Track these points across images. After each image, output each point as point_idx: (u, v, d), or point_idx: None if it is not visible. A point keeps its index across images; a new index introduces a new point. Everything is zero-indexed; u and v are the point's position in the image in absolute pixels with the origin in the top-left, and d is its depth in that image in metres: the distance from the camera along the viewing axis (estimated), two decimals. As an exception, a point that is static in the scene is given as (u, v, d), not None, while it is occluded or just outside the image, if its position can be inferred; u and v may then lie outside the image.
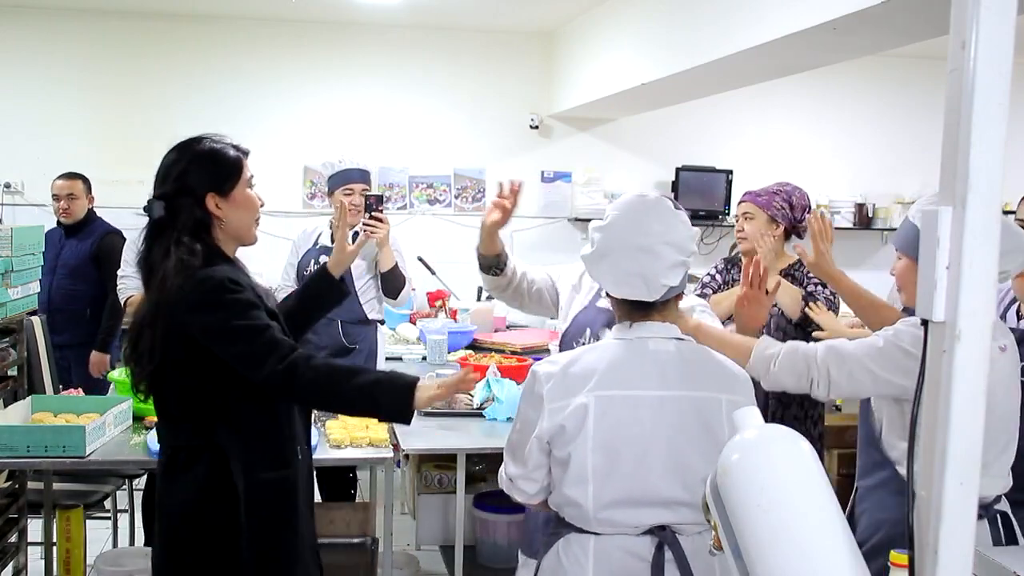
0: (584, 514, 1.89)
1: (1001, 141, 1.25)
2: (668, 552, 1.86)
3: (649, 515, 1.88)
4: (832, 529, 1.53)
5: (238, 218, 2.21)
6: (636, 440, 1.87)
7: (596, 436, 1.87)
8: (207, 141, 2.21)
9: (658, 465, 1.87)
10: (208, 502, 2.14)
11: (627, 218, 1.96)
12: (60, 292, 4.63)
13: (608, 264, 1.94)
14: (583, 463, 1.87)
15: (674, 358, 1.94)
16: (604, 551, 1.88)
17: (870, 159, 6.72)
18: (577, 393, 1.89)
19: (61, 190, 4.76)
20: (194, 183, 2.16)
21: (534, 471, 1.97)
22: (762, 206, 3.44)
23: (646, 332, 1.95)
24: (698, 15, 4.28)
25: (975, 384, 1.29)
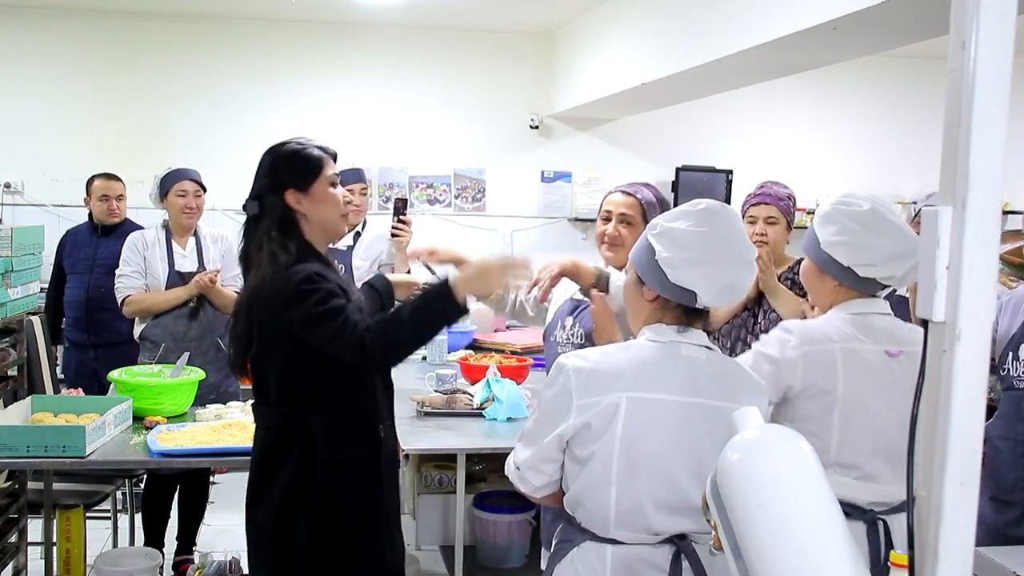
0: (603, 518, 1.85)
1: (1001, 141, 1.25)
2: (685, 562, 1.84)
3: (671, 522, 1.85)
4: (832, 529, 1.53)
5: (320, 213, 2.36)
6: (663, 445, 1.84)
7: (624, 438, 1.83)
8: (292, 143, 2.41)
9: (683, 471, 1.85)
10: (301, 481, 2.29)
11: (726, 226, 1.93)
12: (100, 291, 4.60)
13: (708, 272, 1.88)
14: (608, 464, 1.84)
15: (705, 366, 1.91)
16: (622, 561, 1.85)
17: (870, 159, 6.73)
18: (608, 391, 1.85)
19: (111, 191, 4.74)
20: (277, 180, 2.36)
21: (544, 464, 1.93)
22: (784, 212, 3.45)
23: (683, 338, 1.92)
24: (698, 15, 4.28)
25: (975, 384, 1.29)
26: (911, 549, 1.36)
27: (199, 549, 4.09)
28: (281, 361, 2.31)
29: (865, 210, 2.18)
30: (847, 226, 2.18)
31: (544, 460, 1.93)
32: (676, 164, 6.46)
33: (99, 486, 3.91)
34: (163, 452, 2.96)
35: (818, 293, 2.31)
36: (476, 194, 6.49)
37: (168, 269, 4.13)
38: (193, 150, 5.61)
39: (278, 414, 2.36)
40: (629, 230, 2.85)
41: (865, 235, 2.16)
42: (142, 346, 4.17)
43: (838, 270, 2.20)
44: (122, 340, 4.53)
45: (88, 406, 3.26)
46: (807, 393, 2.16)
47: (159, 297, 4.09)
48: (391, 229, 3.90)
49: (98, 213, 4.75)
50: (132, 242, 4.20)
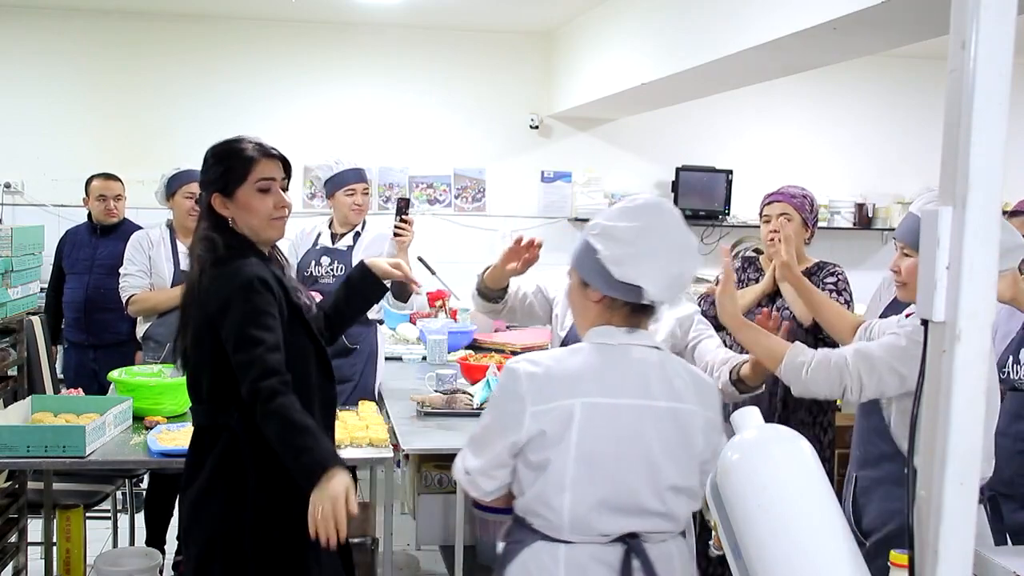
0: (558, 523, 1.85)
1: (1001, 141, 1.25)
2: (635, 560, 1.85)
3: (622, 523, 1.85)
4: (832, 528, 1.53)
5: (244, 219, 2.30)
6: (616, 450, 1.84)
7: (579, 444, 1.82)
8: (230, 142, 2.34)
9: (635, 474, 1.84)
10: (222, 480, 2.27)
11: (666, 219, 1.93)
12: (99, 291, 4.60)
13: (652, 266, 1.88)
14: (563, 470, 1.83)
15: (655, 368, 1.91)
16: (575, 560, 1.85)
17: (870, 159, 6.72)
18: (562, 397, 1.84)
19: (108, 191, 4.73)
20: (204, 180, 2.33)
21: (496, 470, 1.92)
22: (798, 208, 3.46)
23: (633, 339, 1.92)
24: (698, 15, 4.28)
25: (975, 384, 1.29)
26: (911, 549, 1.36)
27: (199, 549, 4.08)
28: (210, 359, 2.26)
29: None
30: None
31: (496, 466, 1.91)
32: (676, 164, 6.46)
33: (99, 486, 3.91)
34: (163, 452, 2.95)
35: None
36: (476, 194, 6.49)
37: (174, 268, 4.14)
38: (193, 150, 5.53)
39: (203, 411, 2.35)
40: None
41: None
42: (145, 346, 4.17)
43: None
44: (121, 340, 4.53)
45: (88, 406, 3.26)
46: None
47: (164, 295, 4.09)
48: (394, 228, 3.89)
49: (96, 213, 4.75)
50: (136, 241, 4.19)
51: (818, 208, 3.59)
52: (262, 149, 2.32)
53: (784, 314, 3.42)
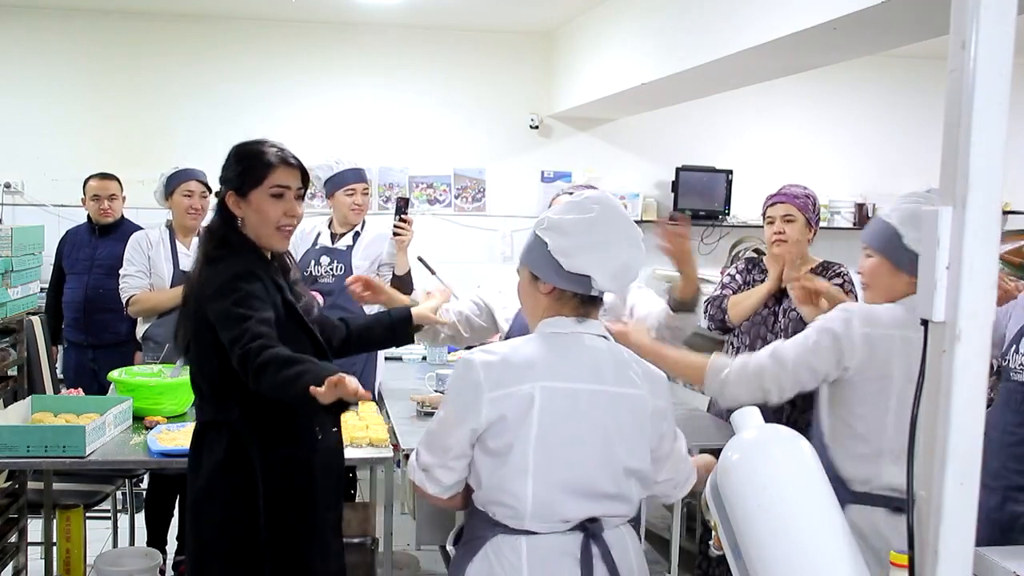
0: (520, 509, 1.86)
1: (1001, 141, 1.25)
2: (595, 547, 1.88)
3: (582, 507, 1.89)
4: (832, 529, 1.53)
5: (253, 221, 2.34)
6: (574, 433, 1.88)
7: (540, 427, 1.85)
8: (254, 144, 2.39)
9: (592, 458, 1.89)
10: (227, 476, 2.29)
11: (618, 213, 2.00)
12: (98, 292, 4.60)
13: (600, 256, 1.93)
14: (524, 455, 1.85)
15: (606, 355, 1.96)
16: (537, 551, 1.87)
17: (870, 159, 6.73)
18: (521, 382, 1.87)
19: (103, 190, 4.73)
20: (224, 177, 2.39)
21: (454, 460, 1.92)
22: (801, 209, 3.46)
23: (582, 328, 1.97)
24: (698, 15, 4.28)
25: (975, 384, 1.29)
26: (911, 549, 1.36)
27: (199, 549, 4.08)
28: (209, 354, 2.28)
29: None
30: None
31: (455, 457, 1.92)
32: (676, 164, 6.46)
33: (99, 486, 3.91)
34: (163, 452, 2.95)
35: (886, 290, 2.34)
36: (476, 194, 6.49)
37: (173, 269, 4.14)
38: (193, 150, 5.59)
39: (205, 407, 2.39)
40: None
41: None
42: (145, 346, 4.17)
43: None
44: (121, 341, 4.53)
45: (88, 406, 3.26)
46: (864, 375, 2.21)
47: (164, 296, 4.09)
48: (393, 228, 3.90)
49: (91, 213, 4.75)
50: (136, 242, 4.19)
51: (819, 207, 3.59)
52: (282, 156, 2.37)
53: (791, 316, 3.42)
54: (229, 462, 2.30)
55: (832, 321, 2.28)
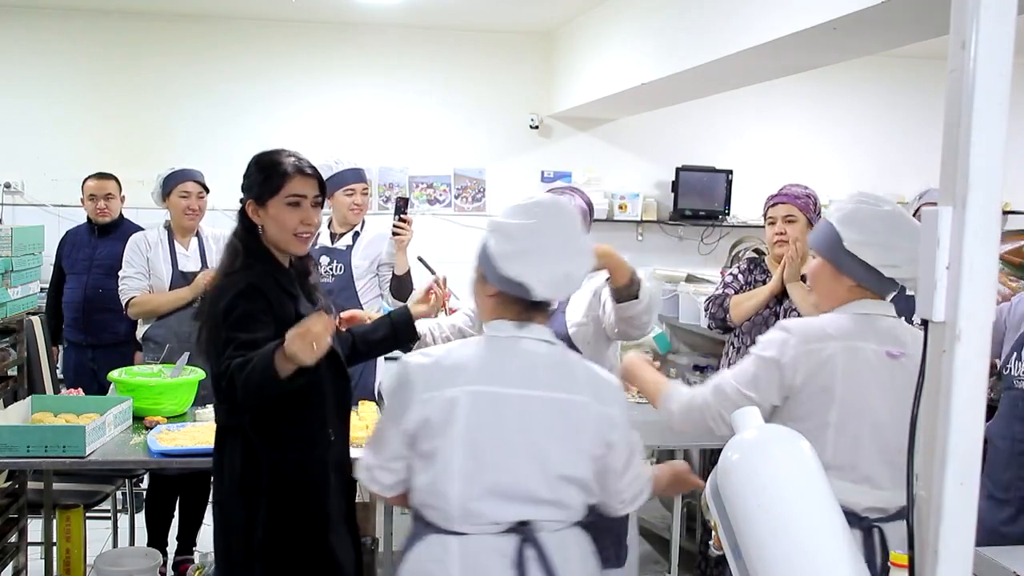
0: (448, 511, 1.87)
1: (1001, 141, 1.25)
2: (531, 550, 1.86)
3: (513, 511, 1.87)
4: (832, 529, 1.53)
5: (272, 229, 2.44)
6: (502, 437, 1.87)
7: (464, 431, 1.86)
8: (271, 153, 2.48)
9: (522, 463, 1.87)
10: (242, 480, 2.35)
11: (564, 219, 1.97)
12: (97, 291, 4.60)
13: (537, 263, 1.91)
14: (450, 458, 1.86)
15: (544, 360, 1.93)
16: (468, 551, 1.87)
17: (870, 159, 6.72)
18: (448, 386, 1.88)
19: (99, 190, 4.73)
20: (244, 186, 2.49)
21: (391, 461, 1.95)
22: (802, 209, 3.46)
23: (523, 333, 1.95)
24: (698, 15, 4.28)
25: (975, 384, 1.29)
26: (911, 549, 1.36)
27: (199, 549, 4.09)
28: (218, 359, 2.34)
29: (888, 210, 2.15)
30: (873, 226, 2.12)
31: (392, 458, 1.95)
32: (676, 164, 6.46)
33: (99, 486, 3.91)
34: (163, 452, 2.96)
35: (830, 293, 2.24)
36: (476, 194, 6.49)
37: (172, 270, 4.14)
38: (193, 150, 5.61)
39: (222, 411, 2.47)
40: None
41: (891, 235, 2.11)
42: (145, 347, 4.17)
43: (862, 271, 2.14)
44: (120, 341, 4.53)
45: (88, 406, 3.26)
46: (805, 391, 2.12)
47: (164, 298, 4.09)
48: (392, 228, 3.90)
49: (88, 212, 4.76)
50: (135, 243, 4.19)
51: (820, 207, 3.59)
52: (298, 166, 2.46)
53: (791, 316, 3.43)
54: (246, 465, 2.36)
55: (770, 347, 2.16)
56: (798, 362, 2.12)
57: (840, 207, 2.21)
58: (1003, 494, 2.75)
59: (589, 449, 1.92)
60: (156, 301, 4.10)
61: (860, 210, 2.15)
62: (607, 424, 1.93)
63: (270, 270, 2.42)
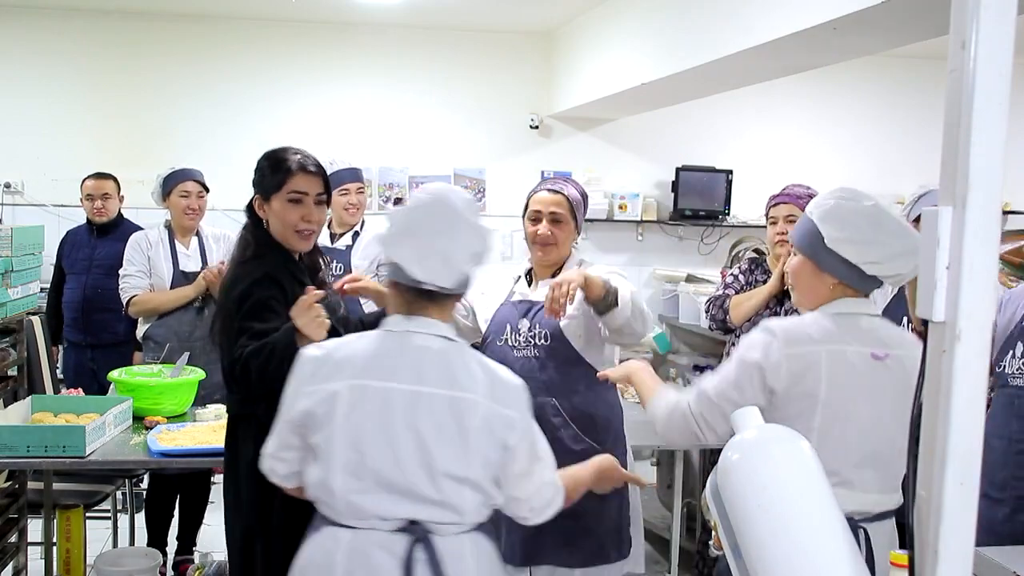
0: (334, 505, 1.88)
1: (1001, 141, 1.25)
2: (421, 552, 1.83)
3: (399, 508, 1.85)
4: (832, 529, 1.53)
5: (274, 224, 2.51)
6: (387, 433, 1.85)
7: (346, 425, 1.85)
8: (278, 151, 2.54)
9: (408, 460, 1.84)
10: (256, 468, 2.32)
11: (437, 201, 1.94)
12: (96, 291, 4.60)
13: (412, 244, 1.90)
14: (332, 452, 1.86)
15: (437, 356, 1.91)
16: (355, 545, 1.86)
17: (870, 159, 6.72)
18: (332, 380, 1.88)
19: (96, 190, 4.74)
20: (253, 182, 2.56)
21: (283, 451, 1.97)
22: (804, 209, 3.45)
23: (416, 327, 1.93)
24: (698, 15, 4.28)
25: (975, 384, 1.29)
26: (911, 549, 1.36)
27: (199, 549, 4.09)
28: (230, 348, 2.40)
29: (870, 206, 2.10)
30: (854, 223, 2.08)
31: (283, 447, 1.97)
32: (676, 164, 6.46)
33: (99, 486, 3.91)
34: (163, 452, 2.96)
35: (810, 292, 2.19)
36: (476, 194, 6.48)
37: (172, 269, 4.14)
38: (193, 150, 5.61)
39: (235, 400, 2.51)
40: (560, 228, 2.84)
41: (872, 232, 2.07)
42: (145, 346, 4.17)
43: (843, 269, 2.10)
44: (119, 341, 4.53)
45: (88, 406, 3.26)
46: (789, 396, 2.07)
47: (165, 297, 4.09)
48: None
49: (87, 212, 4.76)
50: (135, 242, 4.19)
51: None
52: (302, 164, 2.52)
53: (792, 316, 3.42)
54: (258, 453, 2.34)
55: (753, 349, 2.10)
56: (781, 366, 2.06)
57: (820, 203, 2.15)
58: (999, 493, 2.74)
59: (481, 450, 1.87)
60: (157, 300, 4.10)
61: (841, 206, 2.11)
62: (503, 426, 1.89)
63: (282, 260, 2.49)
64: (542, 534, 2.78)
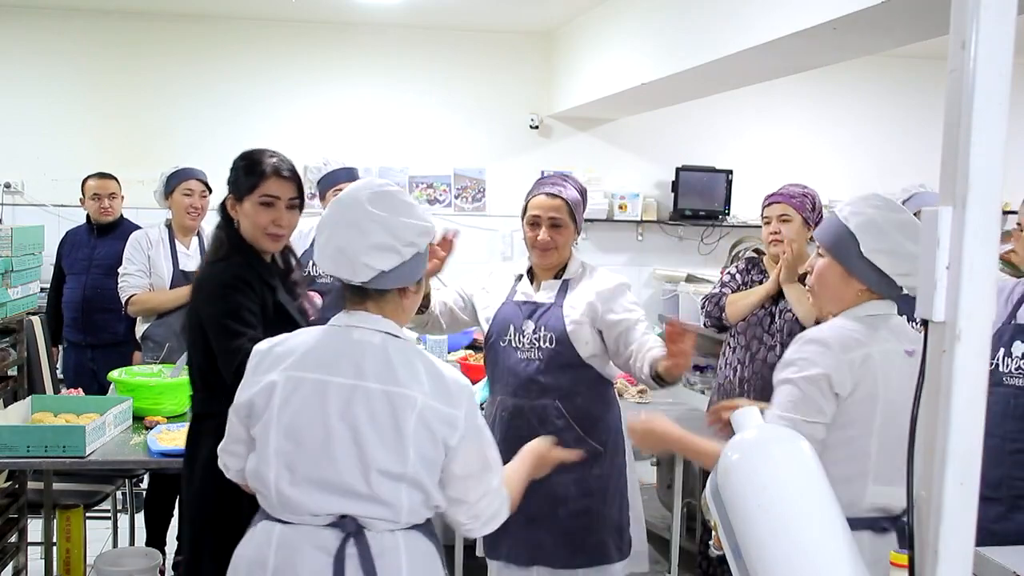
0: (268, 497, 1.88)
1: (1001, 141, 1.25)
2: (353, 548, 1.82)
3: (332, 503, 1.83)
4: (832, 529, 1.53)
5: (244, 225, 2.52)
6: (321, 426, 1.84)
7: (281, 416, 1.85)
8: (254, 153, 2.55)
9: (342, 454, 1.83)
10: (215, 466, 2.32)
11: (348, 197, 1.94)
12: (96, 291, 4.59)
13: (322, 239, 1.92)
14: (268, 443, 1.86)
15: (376, 350, 1.88)
16: (287, 540, 1.85)
17: (870, 159, 6.72)
18: (271, 371, 1.89)
19: (103, 189, 4.73)
20: (228, 181, 2.57)
21: (233, 445, 1.98)
22: (798, 208, 3.45)
23: (357, 322, 1.92)
24: (698, 15, 4.28)
25: (975, 384, 1.29)
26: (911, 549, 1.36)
27: (199, 549, 4.08)
28: (200, 347, 2.45)
29: (906, 219, 2.12)
30: (892, 235, 2.10)
31: (232, 440, 1.99)
32: (676, 164, 6.46)
33: (99, 486, 3.91)
34: (163, 452, 2.96)
35: (837, 296, 2.18)
36: (476, 194, 6.49)
37: (172, 268, 4.13)
38: (193, 150, 5.60)
39: (199, 399, 2.53)
40: (559, 232, 2.84)
41: (906, 243, 2.08)
42: (144, 345, 4.16)
43: (875, 277, 2.11)
44: (119, 341, 4.53)
45: (88, 406, 3.26)
46: (852, 400, 2.06)
47: (164, 296, 4.09)
48: None
49: (91, 212, 4.75)
50: (136, 241, 4.19)
51: (821, 206, 3.56)
52: (276, 167, 2.52)
53: (786, 316, 3.42)
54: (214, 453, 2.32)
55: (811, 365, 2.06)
56: (844, 372, 2.05)
57: (857, 211, 2.14)
58: (993, 492, 2.74)
59: (418, 447, 1.83)
60: (157, 299, 4.10)
61: (881, 217, 2.12)
62: (444, 425, 1.85)
63: (252, 261, 2.50)
64: (544, 535, 2.78)
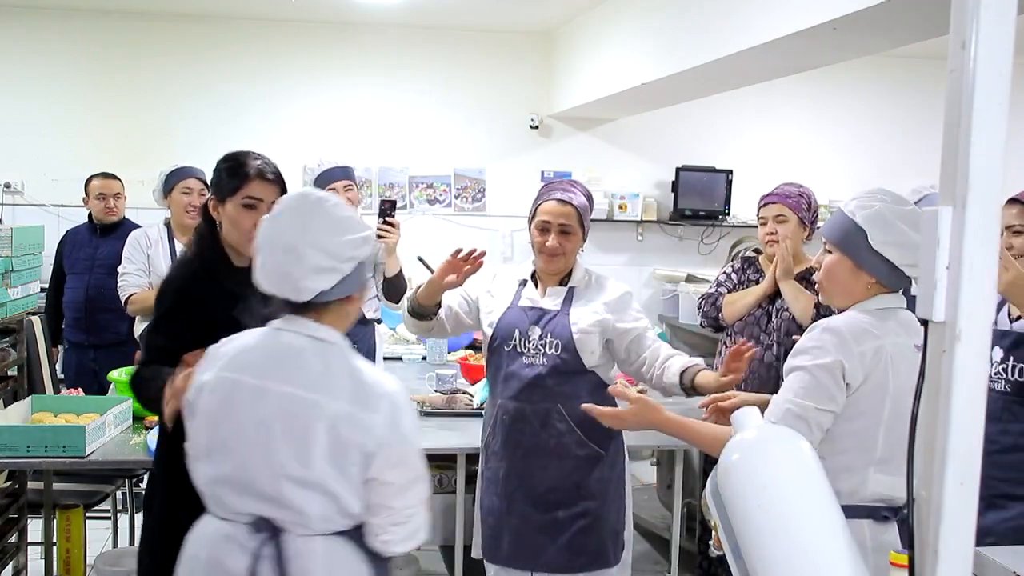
0: (201, 493, 1.92)
1: (1001, 141, 1.25)
2: (269, 549, 1.82)
3: (249, 505, 1.85)
4: (832, 529, 1.53)
5: (226, 228, 2.46)
6: (237, 428, 1.86)
7: (206, 414, 1.90)
8: (241, 154, 2.51)
9: (251, 456, 1.84)
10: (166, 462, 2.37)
11: (284, 216, 1.92)
12: (99, 291, 4.59)
13: (261, 260, 1.91)
14: (196, 441, 1.92)
15: (299, 353, 1.87)
16: (218, 534, 1.88)
17: (870, 159, 6.72)
18: (208, 370, 1.93)
19: (107, 189, 4.73)
20: (211, 182, 2.55)
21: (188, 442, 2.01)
22: (793, 208, 3.45)
23: (288, 325, 1.91)
24: (698, 15, 4.28)
25: (975, 384, 1.29)
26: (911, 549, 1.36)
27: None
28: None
29: (910, 210, 2.15)
30: (899, 227, 2.12)
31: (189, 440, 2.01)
32: (676, 164, 6.46)
33: (99, 486, 3.91)
34: (163, 452, 2.95)
35: (845, 289, 2.20)
36: (476, 194, 6.49)
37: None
38: (193, 150, 5.59)
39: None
40: (568, 239, 2.83)
41: (913, 235, 2.10)
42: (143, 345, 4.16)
43: (884, 269, 2.13)
44: (121, 340, 4.52)
45: (88, 406, 3.26)
46: (862, 391, 2.09)
47: None
48: (377, 231, 3.87)
49: (96, 212, 4.75)
50: (135, 240, 4.19)
51: (817, 206, 3.56)
52: (260, 170, 2.46)
53: (783, 316, 3.42)
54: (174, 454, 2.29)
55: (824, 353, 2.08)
56: (855, 361, 2.08)
57: (864, 205, 2.17)
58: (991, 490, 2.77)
59: (328, 454, 1.80)
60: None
61: (887, 210, 2.14)
62: (361, 431, 1.81)
63: (217, 269, 2.42)
64: (545, 539, 2.78)
